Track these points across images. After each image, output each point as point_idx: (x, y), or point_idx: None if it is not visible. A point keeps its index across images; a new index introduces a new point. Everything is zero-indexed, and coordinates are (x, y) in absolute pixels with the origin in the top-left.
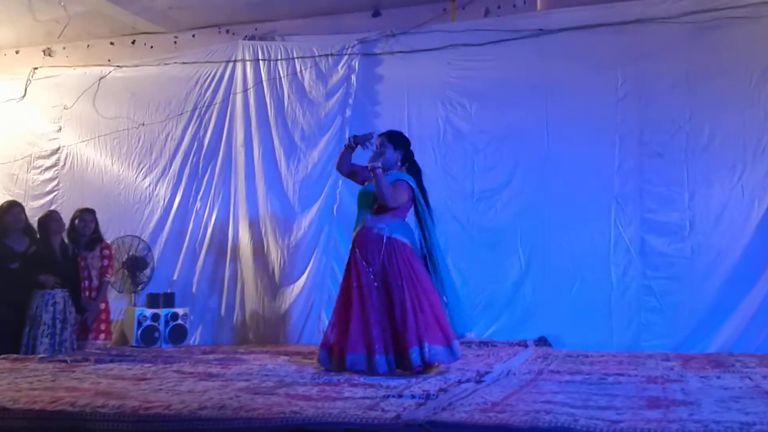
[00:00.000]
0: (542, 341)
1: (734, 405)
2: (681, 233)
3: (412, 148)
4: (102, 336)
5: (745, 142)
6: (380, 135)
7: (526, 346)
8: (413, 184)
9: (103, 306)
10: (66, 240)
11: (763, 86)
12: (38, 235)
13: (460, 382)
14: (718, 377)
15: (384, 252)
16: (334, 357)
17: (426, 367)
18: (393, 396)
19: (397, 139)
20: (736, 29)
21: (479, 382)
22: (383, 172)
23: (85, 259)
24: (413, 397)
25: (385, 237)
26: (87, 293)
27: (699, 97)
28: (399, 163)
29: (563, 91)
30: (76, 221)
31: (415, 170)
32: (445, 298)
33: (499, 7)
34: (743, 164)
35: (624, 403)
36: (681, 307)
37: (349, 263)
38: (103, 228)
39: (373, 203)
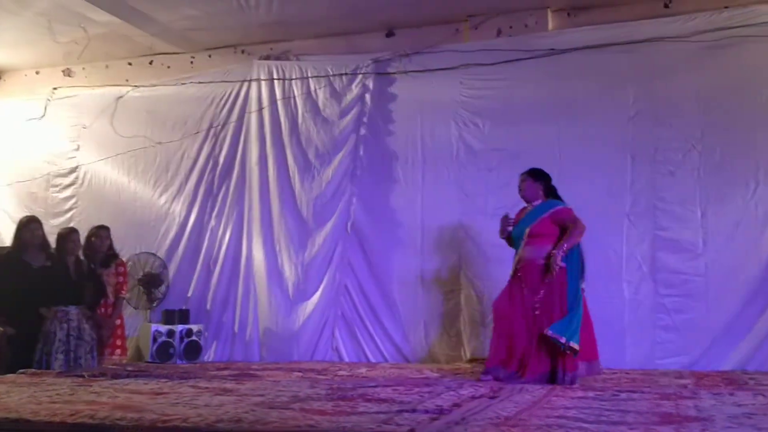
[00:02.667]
0: None
1: (747, 421)
2: (694, 251)
3: (427, 165)
4: (118, 351)
5: (757, 160)
6: (521, 174)
7: None
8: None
9: (118, 322)
10: (82, 257)
11: None
12: (54, 252)
13: (473, 397)
14: (732, 394)
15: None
16: None
17: None
18: (407, 411)
19: (536, 173)
20: (748, 48)
21: (493, 397)
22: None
23: (101, 276)
24: (427, 411)
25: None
26: (103, 309)
27: (711, 116)
28: (541, 193)
29: (575, 110)
30: (93, 238)
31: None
32: None
33: (511, 27)
34: (756, 182)
35: (636, 419)
36: (695, 325)
37: None
38: (119, 245)
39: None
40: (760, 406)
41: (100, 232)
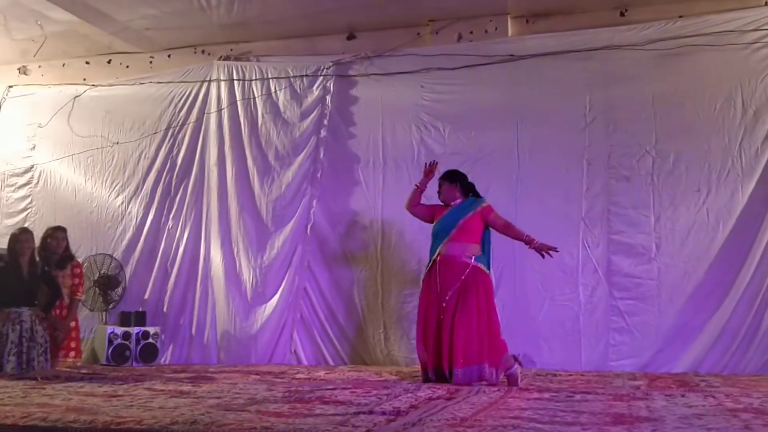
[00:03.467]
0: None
1: (697, 422)
2: (647, 255)
3: (388, 168)
4: (72, 354)
5: (710, 166)
6: (439, 179)
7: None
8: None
9: (73, 324)
10: (37, 258)
11: (727, 112)
12: (6, 252)
13: (431, 399)
14: (683, 396)
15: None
16: None
17: None
18: (364, 413)
19: (452, 175)
20: (701, 57)
21: (450, 399)
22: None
23: (57, 277)
24: (384, 413)
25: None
26: (58, 311)
27: (665, 123)
28: (459, 194)
29: (533, 115)
30: (48, 239)
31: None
32: None
33: (471, 33)
34: (708, 188)
35: (590, 420)
36: (648, 328)
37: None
38: (75, 246)
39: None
40: (710, 407)
41: (56, 233)
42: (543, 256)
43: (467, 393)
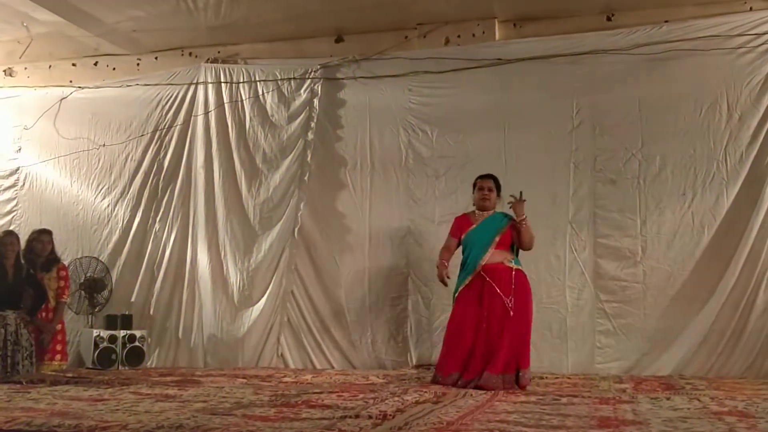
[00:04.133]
0: None
1: (682, 425)
2: (633, 258)
3: (376, 171)
4: (58, 357)
5: (695, 170)
6: (486, 177)
7: None
8: None
9: (59, 327)
10: (22, 261)
11: (713, 117)
12: None
13: (417, 402)
14: (668, 398)
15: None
16: None
17: None
18: (350, 416)
19: (498, 184)
20: (686, 61)
21: (436, 402)
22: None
23: (43, 279)
24: (370, 417)
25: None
26: (44, 314)
27: (651, 127)
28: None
29: (521, 119)
30: (33, 242)
31: None
32: None
33: (459, 36)
34: (693, 192)
35: (575, 423)
36: (634, 330)
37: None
38: (61, 249)
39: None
40: (695, 410)
41: (42, 236)
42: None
43: (454, 396)
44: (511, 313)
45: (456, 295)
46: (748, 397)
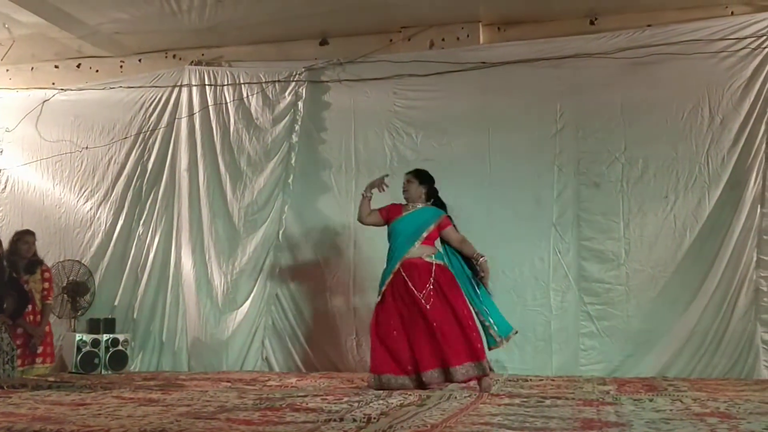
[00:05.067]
0: None
1: (664, 426)
2: (617, 260)
3: (361, 174)
4: (48, 359)
5: (677, 173)
6: (407, 173)
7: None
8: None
9: (47, 329)
10: (5, 263)
11: (695, 120)
12: None
13: (402, 405)
14: (651, 400)
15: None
16: None
17: None
18: (335, 420)
19: (422, 175)
20: (669, 65)
21: (421, 405)
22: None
23: (27, 282)
24: (355, 420)
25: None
26: (31, 317)
27: (634, 130)
28: (423, 197)
29: (505, 122)
30: (18, 243)
31: (441, 205)
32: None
33: (443, 40)
34: (675, 194)
35: (559, 425)
36: (617, 332)
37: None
38: (43, 252)
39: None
40: (677, 411)
41: (27, 237)
42: (480, 279)
43: (438, 399)
44: (428, 306)
45: (382, 291)
46: (730, 398)
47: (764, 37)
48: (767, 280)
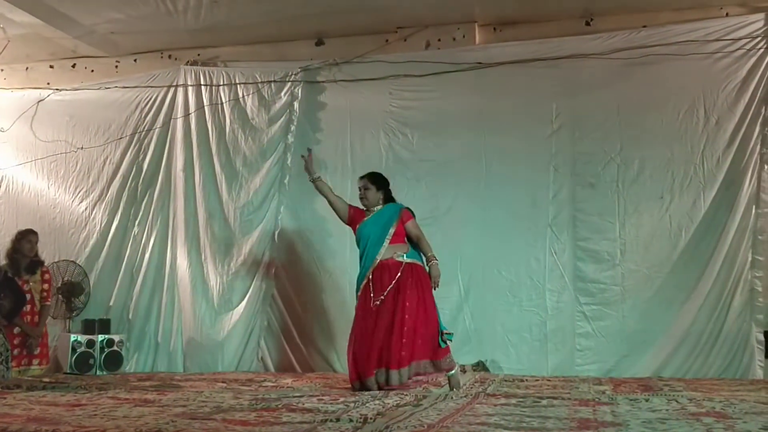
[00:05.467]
0: (480, 366)
1: (661, 426)
2: (612, 261)
3: (356, 174)
4: (45, 361)
5: (673, 173)
6: (362, 177)
7: (464, 371)
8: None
9: (44, 330)
10: (7, 261)
11: (690, 121)
12: None
13: (398, 405)
14: (647, 400)
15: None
16: None
17: None
18: (331, 420)
19: (379, 180)
20: (665, 66)
21: (417, 405)
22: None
23: (27, 282)
24: (351, 420)
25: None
26: (29, 317)
27: (629, 131)
28: (381, 202)
29: (501, 122)
30: (22, 241)
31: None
32: None
33: (439, 40)
34: (671, 195)
35: (556, 425)
36: (613, 333)
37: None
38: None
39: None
40: (673, 411)
41: (30, 236)
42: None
43: (434, 399)
44: (374, 306)
45: (358, 294)
46: (726, 398)
47: (759, 38)
48: (762, 280)
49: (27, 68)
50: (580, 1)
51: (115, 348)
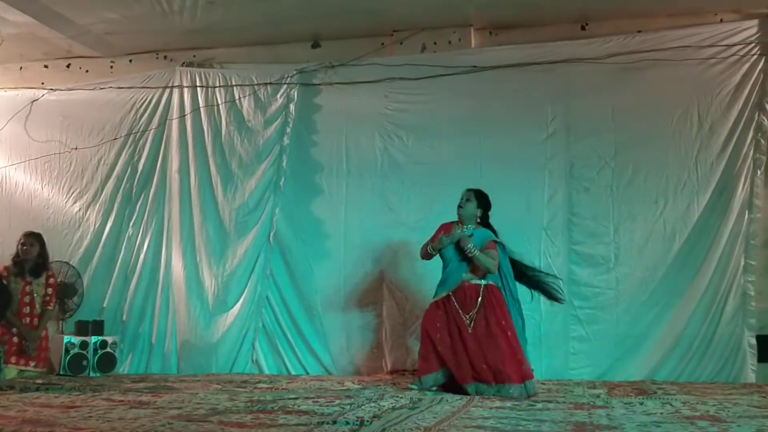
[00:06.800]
0: None
1: (655, 429)
2: (606, 265)
3: (352, 176)
4: (41, 363)
5: (667, 178)
6: (469, 189)
7: None
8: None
9: (43, 333)
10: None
11: (684, 125)
12: None
13: (394, 408)
14: (641, 403)
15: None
16: None
17: None
18: (327, 422)
19: (482, 199)
20: (659, 71)
21: (413, 408)
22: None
23: (30, 284)
24: (347, 423)
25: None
26: (28, 319)
27: (624, 135)
28: (476, 220)
29: (496, 126)
30: (19, 244)
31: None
32: None
33: (435, 43)
34: (665, 199)
35: (551, 428)
36: (607, 336)
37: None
38: None
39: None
40: (668, 414)
41: (24, 238)
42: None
43: (430, 402)
44: (469, 330)
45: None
46: (719, 401)
47: (752, 44)
48: (754, 284)
49: (21, 68)
50: (575, 6)
51: (108, 349)
